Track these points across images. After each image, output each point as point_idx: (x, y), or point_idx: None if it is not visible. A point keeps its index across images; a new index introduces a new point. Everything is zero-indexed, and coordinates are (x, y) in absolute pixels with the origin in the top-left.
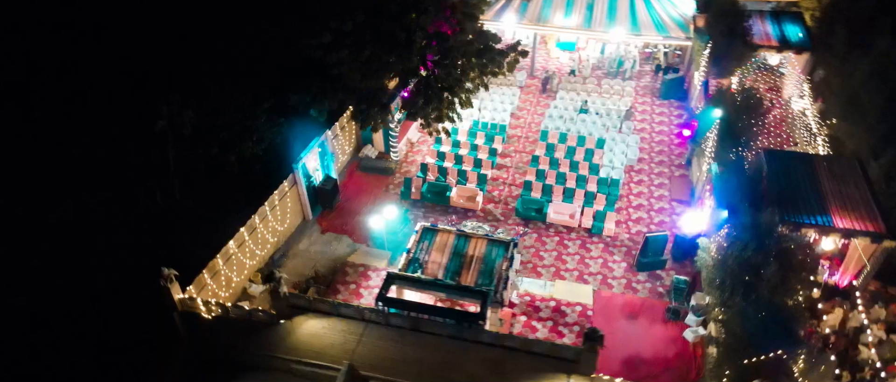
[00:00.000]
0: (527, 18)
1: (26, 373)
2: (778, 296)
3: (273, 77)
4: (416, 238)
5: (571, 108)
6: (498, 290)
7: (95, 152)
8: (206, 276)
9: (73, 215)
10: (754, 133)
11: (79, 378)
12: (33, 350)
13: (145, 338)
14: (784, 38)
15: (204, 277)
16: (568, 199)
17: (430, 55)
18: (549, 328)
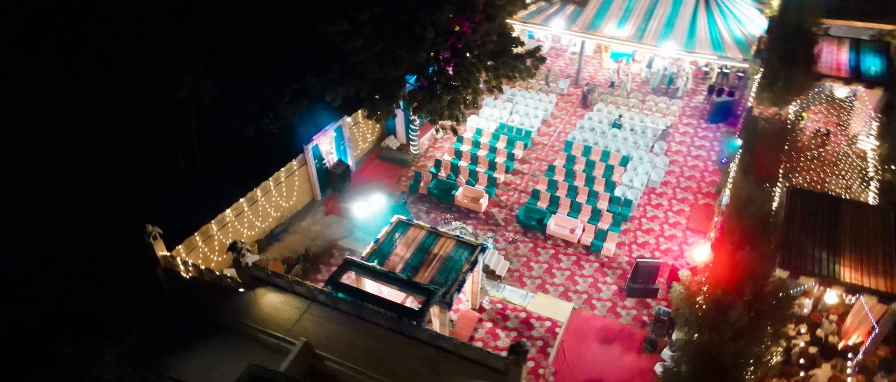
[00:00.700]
0: (577, 25)
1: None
2: (743, 342)
3: (300, 59)
4: (387, 230)
5: (606, 121)
6: (449, 291)
7: (123, 114)
8: (197, 238)
9: (98, 170)
10: (787, 168)
11: (69, 309)
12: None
13: (135, 288)
14: (858, 70)
15: (195, 239)
16: (574, 213)
17: (445, 53)
18: (512, 338)
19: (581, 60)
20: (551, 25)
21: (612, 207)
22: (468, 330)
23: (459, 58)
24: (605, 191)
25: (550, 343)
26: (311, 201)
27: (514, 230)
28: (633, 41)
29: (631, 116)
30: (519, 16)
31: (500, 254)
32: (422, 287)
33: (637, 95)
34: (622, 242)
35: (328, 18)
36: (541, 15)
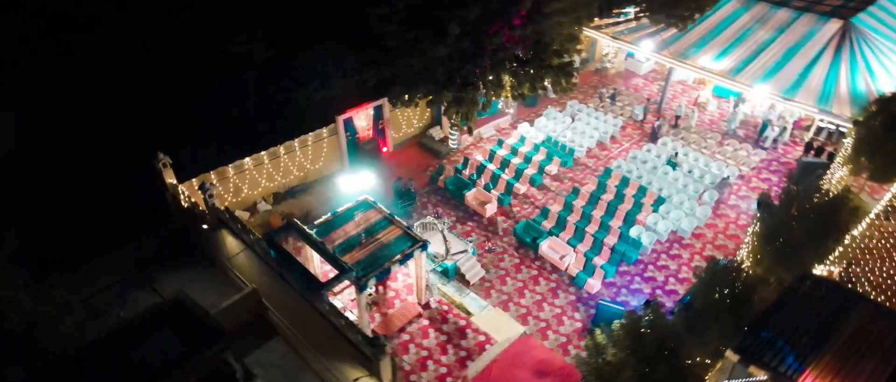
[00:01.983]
0: (668, 50)
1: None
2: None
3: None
4: (348, 206)
5: (665, 155)
6: (367, 275)
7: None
8: (212, 176)
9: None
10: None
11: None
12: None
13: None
14: None
15: (210, 176)
16: (575, 240)
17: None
18: (439, 342)
19: (666, 88)
20: (640, 45)
21: (619, 245)
22: (402, 322)
23: (480, 58)
24: (619, 227)
25: (474, 356)
26: (339, 169)
27: (509, 242)
28: (726, 76)
29: (696, 156)
30: (611, 30)
31: (477, 261)
32: (339, 264)
33: (715, 137)
34: (612, 282)
35: (372, 1)
36: (631, 34)
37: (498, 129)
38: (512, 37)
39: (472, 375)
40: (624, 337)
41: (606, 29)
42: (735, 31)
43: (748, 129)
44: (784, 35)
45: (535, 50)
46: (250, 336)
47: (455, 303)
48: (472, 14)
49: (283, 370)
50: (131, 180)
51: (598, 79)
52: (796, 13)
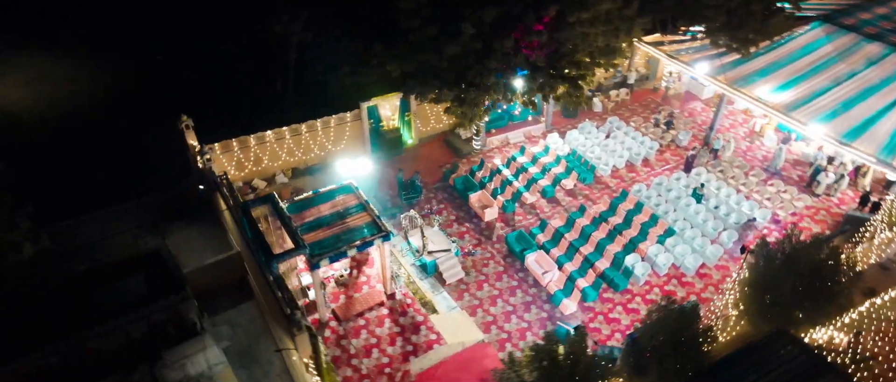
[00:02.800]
0: (725, 75)
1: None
2: None
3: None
4: (331, 187)
5: (693, 186)
6: (321, 254)
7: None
8: (234, 143)
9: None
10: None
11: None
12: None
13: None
14: None
15: (232, 143)
16: (565, 258)
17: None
18: (390, 332)
19: (718, 115)
20: (696, 67)
21: (610, 270)
22: (363, 307)
23: (488, 60)
24: (615, 253)
25: (419, 353)
26: (361, 154)
27: (499, 249)
28: (781, 110)
29: (729, 192)
30: (669, 48)
31: (458, 262)
32: (297, 239)
33: (759, 174)
34: (591, 306)
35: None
36: (689, 54)
37: (527, 136)
38: (529, 43)
39: (415, 371)
40: (533, 359)
41: (667, 46)
42: (809, 63)
43: (803, 170)
44: (866, 72)
45: (551, 58)
46: (231, 296)
47: (423, 299)
48: (488, 16)
49: (248, 332)
50: (165, 138)
51: (654, 98)
52: (889, 49)
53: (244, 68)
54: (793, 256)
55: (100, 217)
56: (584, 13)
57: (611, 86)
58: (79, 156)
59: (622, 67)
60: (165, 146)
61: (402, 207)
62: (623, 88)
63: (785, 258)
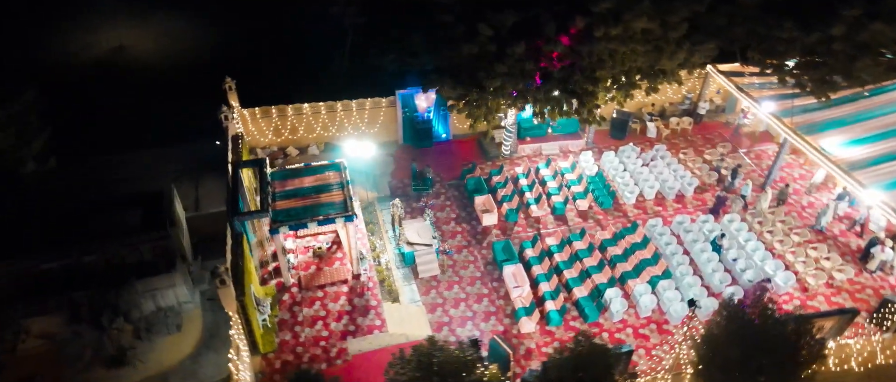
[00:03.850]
0: (792, 118)
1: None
2: None
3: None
4: (323, 163)
5: (717, 232)
6: (281, 221)
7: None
8: (273, 110)
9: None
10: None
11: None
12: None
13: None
14: None
15: (271, 110)
16: (544, 278)
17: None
18: (341, 310)
19: (777, 163)
20: (762, 105)
21: (584, 300)
22: (326, 280)
23: (496, 64)
24: (598, 284)
25: (357, 335)
26: (393, 140)
27: (484, 256)
28: (842, 166)
29: (756, 247)
30: (741, 80)
31: (435, 258)
32: (264, 204)
33: (805, 234)
34: (552, 330)
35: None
36: (758, 90)
37: (563, 150)
38: (548, 53)
39: (353, 351)
40: (413, 362)
41: (746, 78)
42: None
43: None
44: None
45: (565, 71)
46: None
47: (391, 287)
48: (507, 20)
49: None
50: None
51: (723, 133)
52: None
53: (311, 43)
54: (746, 324)
55: (146, 156)
56: (612, 29)
57: (676, 112)
58: (164, 100)
59: (693, 94)
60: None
61: (411, 196)
62: (687, 117)
63: (737, 325)
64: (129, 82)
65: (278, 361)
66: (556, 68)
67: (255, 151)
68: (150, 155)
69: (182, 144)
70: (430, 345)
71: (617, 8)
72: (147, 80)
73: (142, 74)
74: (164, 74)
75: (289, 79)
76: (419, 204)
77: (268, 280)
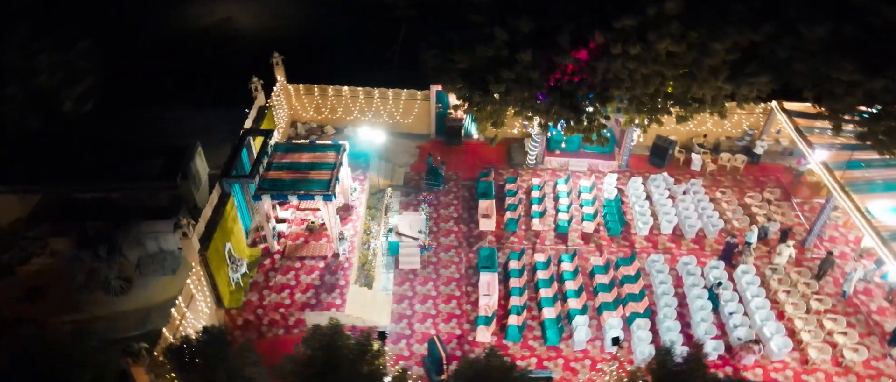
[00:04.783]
0: (842, 172)
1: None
2: None
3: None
4: (326, 143)
5: (723, 281)
6: (265, 191)
7: None
8: (300, 89)
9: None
10: None
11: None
12: None
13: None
14: None
15: (299, 87)
16: (517, 292)
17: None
18: (310, 283)
19: (820, 219)
20: (815, 153)
21: (549, 321)
22: (307, 253)
23: (501, 69)
24: (571, 309)
25: (317, 309)
26: (426, 134)
27: (469, 259)
28: (880, 232)
29: (761, 304)
30: (803, 122)
31: (418, 252)
32: (253, 173)
33: (828, 302)
34: (507, 345)
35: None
36: (823, 136)
37: (592, 168)
38: (560, 64)
39: (310, 323)
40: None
41: (812, 120)
42: None
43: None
44: None
45: (572, 85)
46: None
47: (370, 272)
48: (524, 26)
49: None
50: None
51: (781, 179)
52: None
53: (374, 31)
54: (671, 376)
55: (199, 116)
56: (632, 47)
57: (733, 148)
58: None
59: (755, 131)
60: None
61: (422, 189)
62: (741, 155)
63: (661, 375)
64: (224, 50)
65: (241, 318)
66: (563, 81)
67: (295, 124)
68: (204, 116)
69: (238, 109)
70: (331, 327)
71: (640, 26)
72: (238, 48)
73: (236, 43)
74: (252, 44)
75: (348, 62)
76: (419, 198)
77: (258, 243)
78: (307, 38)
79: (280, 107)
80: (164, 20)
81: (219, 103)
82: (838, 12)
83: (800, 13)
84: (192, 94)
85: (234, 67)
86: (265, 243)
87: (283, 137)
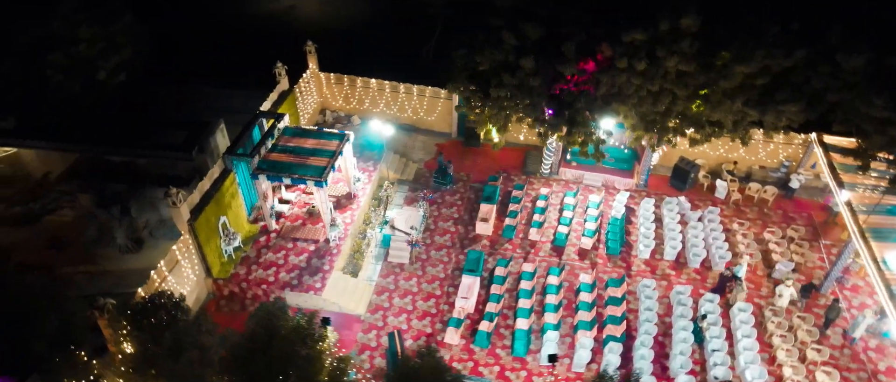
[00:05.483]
0: (869, 217)
1: None
2: None
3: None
4: (332, 131)
5: (710, 315)
6: (263, 171)
7: None
8: (344, 78)
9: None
10: None
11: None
12: None
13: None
14: None
15: (343, 77)
16: (494, 299)
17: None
18: (296, 264)
19: (837, 265)
20: (842, 193)
21: (520, 332)
22: (301, 235)
23: (504, 75)
24: (546, 324)
25: (297, 290)
26: (448, 132)
27: (457, 261)
28: (889, 287)
29: (748, 345)
30: (842, 160)
31: (408, 247)
32: (253, 152)
33: (824, 354)
34: (473, 350)
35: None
36: (856, 175)
37: (607, 183)
38: (565, 74)
39: (291, 303)
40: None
41: (851, 158)
42: None
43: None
44: None
45: (571, 96)
46: None
47: (359, 260)
48: (533, 33)
49: None
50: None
51: (815, 218)
52: None
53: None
54: None
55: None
56: (638, 63)
57: (768, 179)
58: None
59: (792, 163)
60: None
61: (430, 186)
62: (772, 187)
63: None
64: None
65: (227, 289)
66: (563, 91)
67: (325, 111)
68: (242, 96)
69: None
70: (274, 306)
71: (651, 41)
72: (294, 33)
73: (294, 28)
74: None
75: (390, 56)
76: (420, 194)
77: (259, 221)
78: (361, 30)
79: (308, 93)
80: (240, 2)
81: (263, 86)
82: (882, 42)
83: (841, 40)
84: (238, 75)
85: (285, 52)
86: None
87: (309, 123)
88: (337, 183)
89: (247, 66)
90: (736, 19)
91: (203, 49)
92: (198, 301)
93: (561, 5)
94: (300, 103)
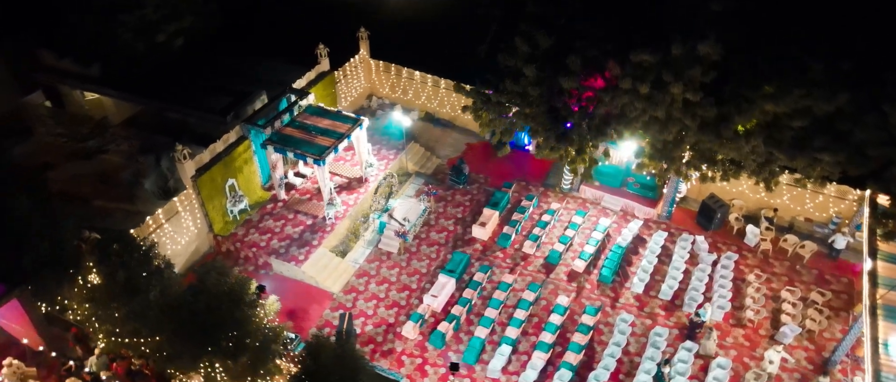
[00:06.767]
0: (886, 292)
1: None
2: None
3: None
4: (350, 116)
5: (678, 368)
6: (272, 142)
7: None
8: (392, 67)
9: None
10: None
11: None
12: None
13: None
14: None
15: (390, 66)
16: (463, 303)
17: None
18: (289, 234)
19: (851, 333)
20: (868, 259)
21: (475, 340)
22: (302, 208)
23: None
24: (504, 338)
25: (281, 258)
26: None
27: (444, 260)
28: (884, 376)
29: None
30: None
31: (397, 237)
32: (267, 124)
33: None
34: (426, 349)
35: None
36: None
37: (626, 209)
38: (567, 87)
39: (275, 270)
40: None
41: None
42: None
43: None
44: None
45: (566, 110)
46: None
47: (351, 241)
48: (543, 41)
49: None
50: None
51: (855, 282)
52: None
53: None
54: None
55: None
56: (642, 85)
57: (813, 233)
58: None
59: (844, 220)
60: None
61: (445, 183)
62: (811, 243)
63: None
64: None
65: (225, 246)
66: (562, 103)
67: (371, 97)
68: (298, 73)
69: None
70: (217, 267)
71: (659, 65)
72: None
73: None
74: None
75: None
76: (425, 189)
77: (272, 189)
78: (437, 22)
79: (354, 77)
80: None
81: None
82: None
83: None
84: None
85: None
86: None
87: (353, 106)
88: (354, 166)
89: (312, 45)
90: (779, 52)
91: (274, 26)
92: (198, 252)
93: (581, 18)
94: (343, 86)
